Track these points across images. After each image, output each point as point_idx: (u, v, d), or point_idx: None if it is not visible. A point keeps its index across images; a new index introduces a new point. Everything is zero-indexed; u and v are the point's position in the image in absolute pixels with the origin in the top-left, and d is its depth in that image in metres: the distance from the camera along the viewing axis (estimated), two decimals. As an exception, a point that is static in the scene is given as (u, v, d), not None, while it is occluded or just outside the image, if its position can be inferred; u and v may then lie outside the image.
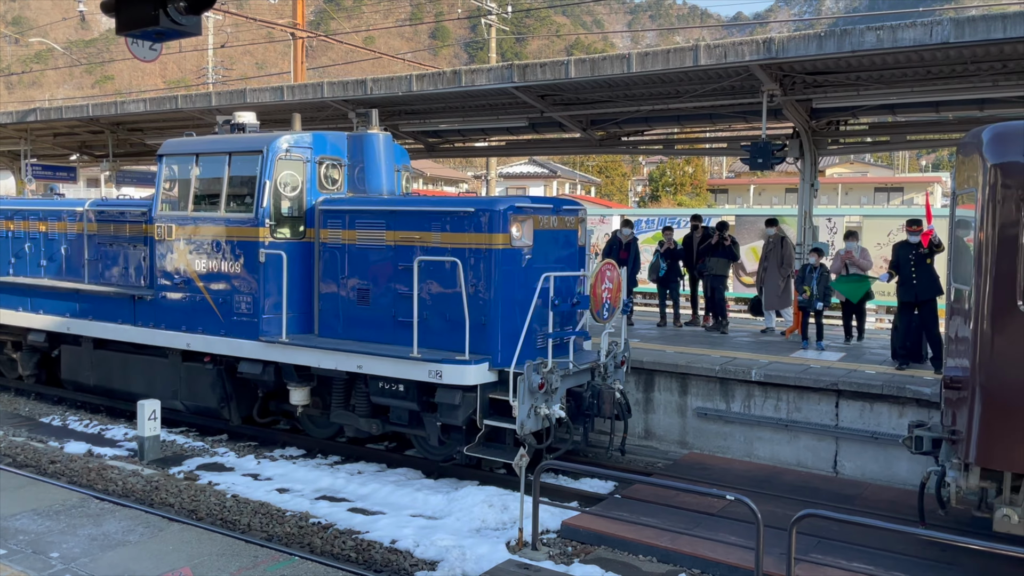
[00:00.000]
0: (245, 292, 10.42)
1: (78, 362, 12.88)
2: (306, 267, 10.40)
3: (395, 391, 9.48)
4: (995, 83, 11.28)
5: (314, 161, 10.57)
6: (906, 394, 9.54)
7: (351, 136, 10.96)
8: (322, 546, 7.81)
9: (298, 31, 22.40)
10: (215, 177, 10.82)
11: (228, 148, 10.72)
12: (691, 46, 11.39)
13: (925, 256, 10.75)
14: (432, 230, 9.42)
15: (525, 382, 8.60)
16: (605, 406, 9.55)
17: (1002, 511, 6.51)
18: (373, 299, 9.87)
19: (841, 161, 50.74)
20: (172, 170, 11.30)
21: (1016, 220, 6.25)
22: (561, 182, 60.51)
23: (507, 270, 9.07)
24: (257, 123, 11.61)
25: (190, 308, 11.01)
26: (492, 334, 9.02)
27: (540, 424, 8.92)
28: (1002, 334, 6.31)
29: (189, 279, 11.00)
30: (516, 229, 9.12)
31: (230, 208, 10.59)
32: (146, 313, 11.59)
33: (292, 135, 10.51)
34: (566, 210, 10.05)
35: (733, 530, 7.81)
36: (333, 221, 10.18)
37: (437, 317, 9.32)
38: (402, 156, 11.55)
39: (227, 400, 11.12)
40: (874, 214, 22.94)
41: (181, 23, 3.92)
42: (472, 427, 9.22)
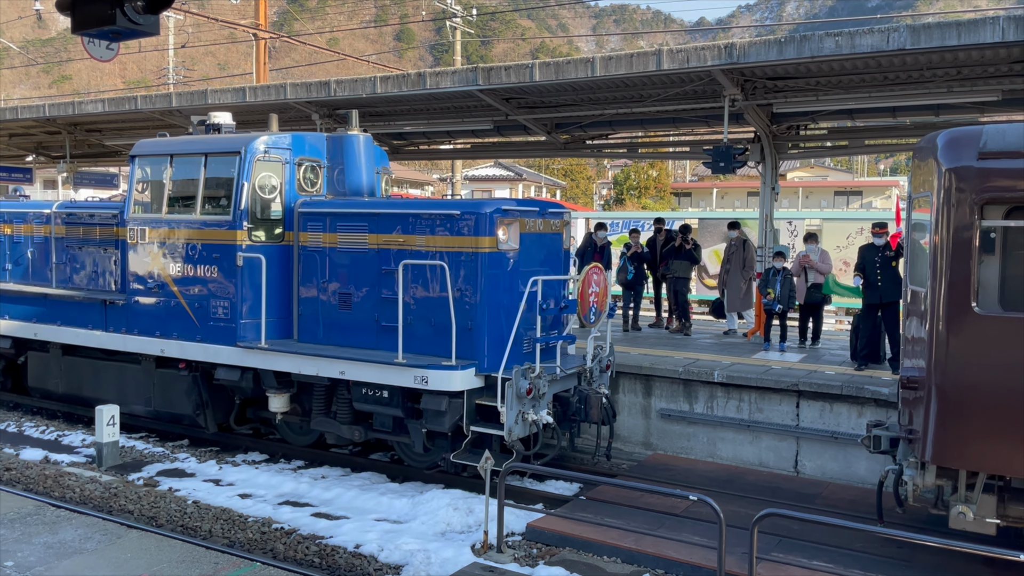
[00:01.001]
0: (222, 296, 10.14)
1: (46, 369, 12.51)
2: (285, 271, 10.17)
3: (379, 397, 9.28)
4: (950, 89, 11.53)
5: (293, 163, 10.33)
6: (865, 394, 9.70)
7: (330, 137, 10.73)
8: (285, 552, 7.72)
9: (260, 32, 22.18)
10: (190, 179, 10.53)
11: (204, 149, 10.45)
12: (654, 51, 11.49)
13: (891, 259, 10.96)
14: (416, 233, 9.25)
15: (513, 388, 8.48)
16: (592, 411, 9.43)
17: (957, 508, 6.64)
18: (355, 303, 9.66)
19: (802, 165, 51.52)
20: (145, 171, 10.99)
21: (970, 223, 6.39)
22: (527, 185, 60.64)
23: (493, 274, 8.92)
24: (233, 124, 11.31)
25: (164, 313, 10.69)
26: (478, 339, 8.87)
27: (528, 430, 8.79)
28: (957, 335, 6.44)
29: (163, 283, 10.68)
30: (502, 232, 8.97)
31: (206, 210, 10.32)
32: (118, 318, 11.27)
33: (270, 136, 10.27)
34: (551, 213, 9.91)
35: (696, 530, 7.87)
36: (314, 224, 9.94)
37: (421, 322, 9.16)
38: (382, 158, 11.34)
39: (203, 407, 10.81)
40: (834, 217, 23.32)
41: (138, 23, 3.85)
42: (458, 433, 9.08)
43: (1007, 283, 6.62)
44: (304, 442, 10.76)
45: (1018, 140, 6.36)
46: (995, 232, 6.53)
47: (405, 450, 9.90)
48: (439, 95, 13.76)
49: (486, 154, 26.22)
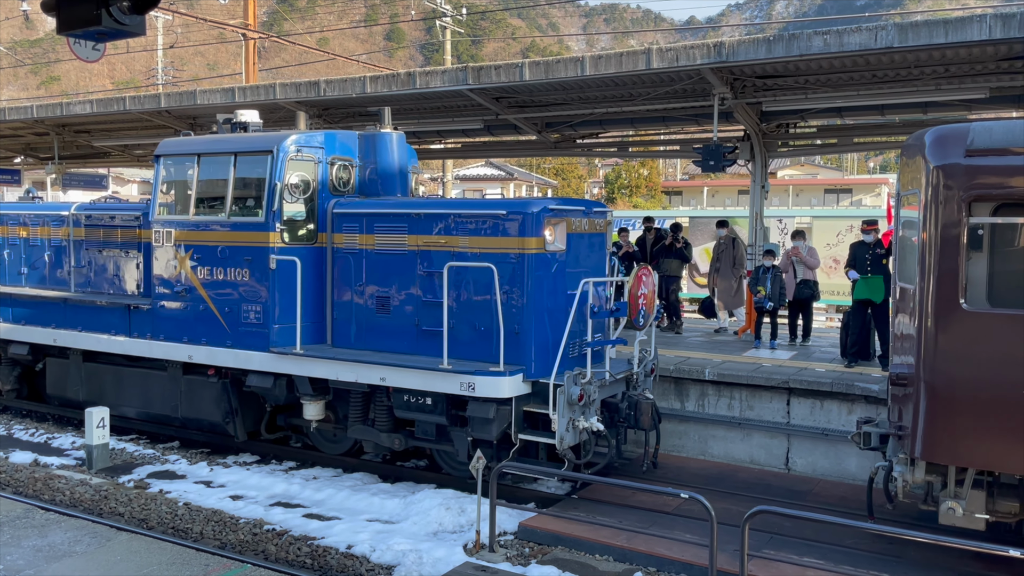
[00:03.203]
0: (254, 300, 9.80)
1: (65, 376, 12.10)
2: (318, 274, 9.88)
3: (422, 404, 8.95)
4: (938, 87, 11.58)
5: (326, 162, 10.00)
6: (855, 391, 9.74)
7: (363, 135, 10.43)
8: (276, 553, 7.70)
9: (249, 32, 22.11)
10: (219, 179, 10.19)
11: (233, 148, 10.09)
12: (644, 50, 11.50)
13: (881, 256, 11.00)
14: (460, 234, 8.98)
15: (565, 394, 8.22)
16: (643, 417, 9.10)
17: (947, 504, 6.68)
18: (394, 307, 9.39)
19: (792, 163, 51.64)
20: (170, 171, 10.66)
21: (958, 220, 6.42)
22: (518, 184, 60.61)
23: (540, 276, 8.65)
24: (260, 122, 10.96)
25: (192, 318, 10.34)
26: (525, 343, 8.59)
27: (578, 438, 8.51)
28: (946, 332, 6.48)
29: (191, 287, 10.31)
30: (549, 233, 8.67)
31: (236, 212, 9.99)
32: (142, 323, 10.91)
33: (303, 134, 9.94)
34: (596, 212, 9.58)
35: (688, 528, 7.90)
36: (349, 225, 9.68)
37: (464, 326, 8.88)
38: (412, 156, 10.99)
39: (233, 415, 10.44)
40: (824, 215, 23.42)
41: (124, 23, 3.82)
42: (503, 442, 8.79)
43: (995, 279, 6.66)
44: (338, 451, 10.43)
45: (1005, 137, 6.39)
46: (983, 229, 6.57)
47: (447, 459, 9.60)
48: (429, 95, 13.74)
49: (477, 153, 26.20)
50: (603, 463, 8.94)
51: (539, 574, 7.06)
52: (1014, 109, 12.40)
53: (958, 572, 6.97)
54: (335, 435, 10.38)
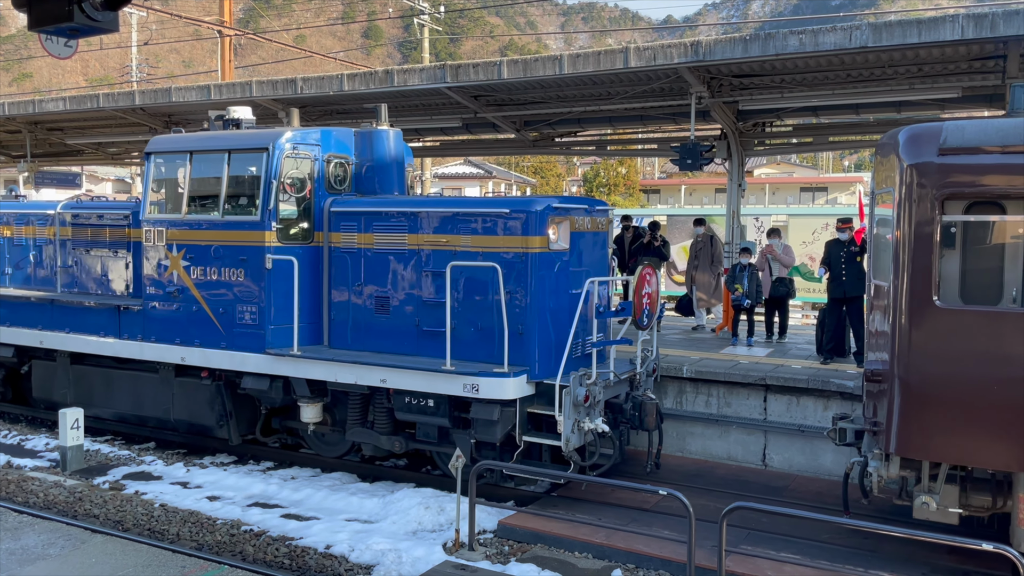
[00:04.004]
0: (249, 301, 9.62)
1: (52, 378, 11.83)
2: (314, 273, 9.73)
3: (424, 407, 8.82)
4: (911, 86, 11.72)
5: (322, 159, 9.84)
6: (831, 388, 9.83)
7: (358, 132, 10.26)
8: (254, 554, 7.66)
9: (225, 29, 21.92)
10: (212, 177, 9.99)
11: (227, 145, 9.89)
12: (621, 48, 11.53)
13: (856, 254, 11.11)
14: (461, 233, 8.86)
15: (571, 395, 8.14)
16: (648, 418, 9.04)
17: (921, 499, 6.76)
18: (393, 308, 9.26)
19: (768, 162, 52.01)
20: (161, 169, 10.44)
21: (931, 218, 6.50)
22: (497, 183, 60.55)
23: (544, 275, 8.55)
24: (253, 119, 10.71)
25: (185, 319, 10.13)
26: (529, 344, 8.49)
27: (583, 439, 8.40)
28: (919, 328, 6.55)
29: (183, 287, 10.10)
30: (553, 232, 8.58)
31: (230, 210, 9.81)
32: (133, 325, 10.66)
33: (298, 131, 9.77)
34: (598, 211, 9.49)
35: (667, 524, 7.94)
36: (347, 224, 9.54)
37: (466, 326, 8.75)
38: (408, 154, 10.85)
39: (227, 418, 10.25)
40: (799, 213, 23.62)
41: (97, 19, 3.77)
42: (506, 444, 8.72)
43: (967, 277, 6.75)
44: (335, 453, 10.27)
45: (977, 136, 6.48)
46: (955, 227, 6.66)
47: (448, 461, 9.47)
48: (407, 92, 13.70)
49: (455, 152, 26.18)
50: (609, 464, 8.79)
51: (518, 572, 7.07)
52: (986, 108, 12.57)
53: (932, 565, 7.06)
54: (332, 438, 10.21)
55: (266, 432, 10.66)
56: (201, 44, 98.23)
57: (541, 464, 8.92)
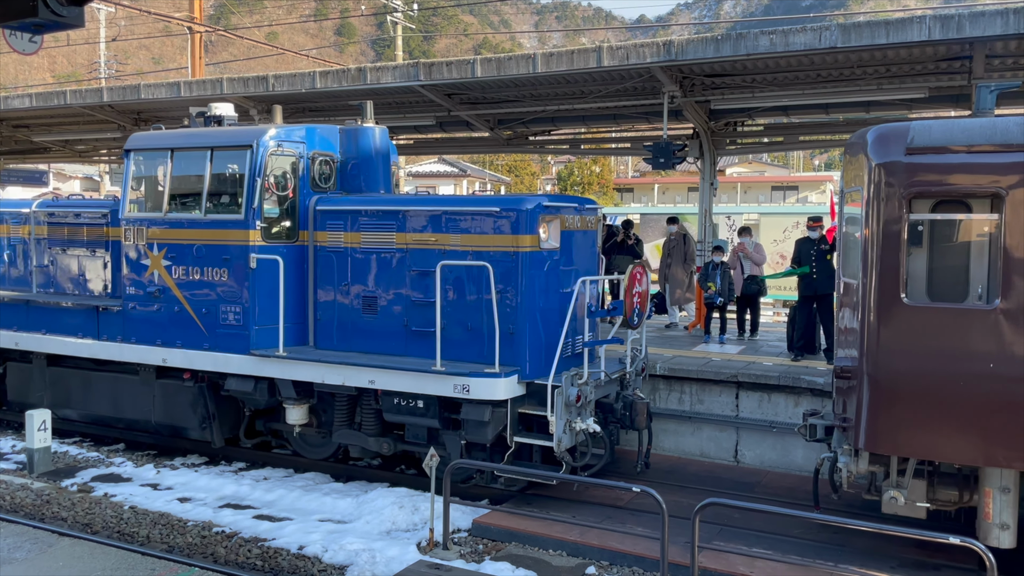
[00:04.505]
0: (233, 301, 9.47)
1: (28, 381, 11.54)
2: (299, 273, 9.61)
3: (413, 408, 8.71)
4: (880, 86, 11.86)
5: (307, 157, 9.71)
6: (801, 384, 9.94)
7: (343, 130, 10.10)
8: (226, 555, 7.59)
9: (195, 25, 21.68)
10: (194, 175, 9.83)
11: (209, 143, 9.72)
12: (594, 47, 11.56)
13: (826, 252, 11.23)
14: (450, 232, 8.79)
15: (563, 395, 8.09)
16: (639, 418, 9.02)
17: (889, 493, 6.86)
18: (381, 308, 9.15)
19: (740, 161, 52.44)
20: (141, 167, 10.24)
21: (899, 217, 6.59)
22: (471, 181, 60.49)
23: (534, 274, 8.50)
24: (235, 116, 10.57)
25: (166, 320, 9.94)
26: (520, 344, 8.43)
27: (575, 440, 8.35)
28: (887, 325, 6.64)
29: (165, 287, 9.91)
30: (543, 230, 8.52)
31: (213, 209, 9.65)
32: (112, 325, 10.44)
33: (282, 128, 9.61)
34: (588, 209, 9.47)
35: (641, 521, 7.99)
36: (333, 223, 9.43)
37: (456, 326, 8.68)
38: (393, 151, 10.69)
39: (210, 420, 10.07)
40: (770, 212, 23.84)
41: (62, 14, 3.69)
42: (496, 445, 8.64)
43: (934, 275, 6.86)
44: (320, 455, 10.15)
45: (943, 136, 6.58)
46: (922, 225, 6.76)
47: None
48: (380, 90, 13.62)
49: (429, 150, 26.10)
50: (600, 465, 8.74)
51: (493, 570, 7.08)
52: (952, 108, 12.76)
53: (900, 559, 7.16)
54: (317, 440, 10.09)
55: (250, 434, 10.49)
56: (171, 41, 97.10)
57: (528, 464, 8.81)
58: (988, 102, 7.05)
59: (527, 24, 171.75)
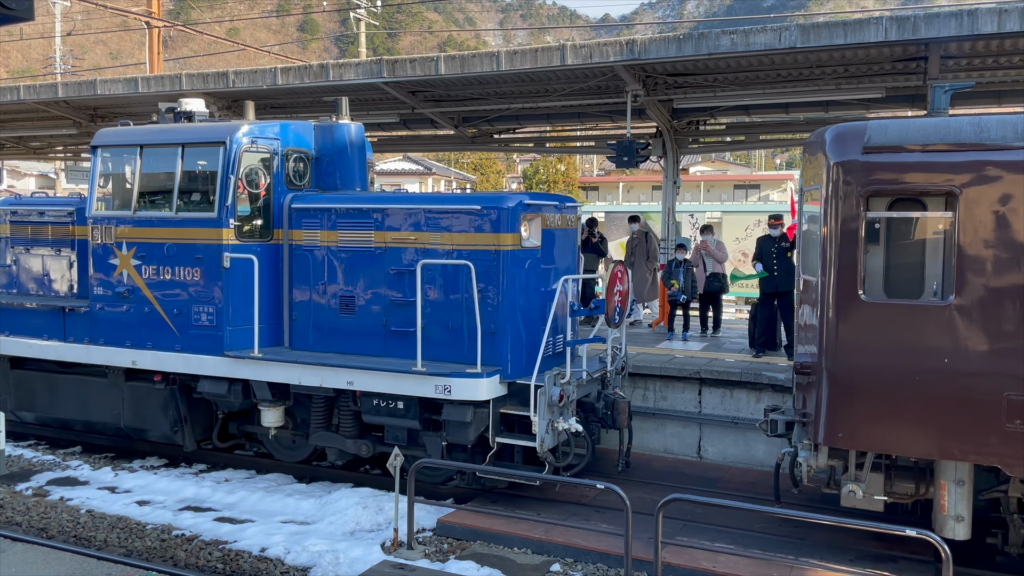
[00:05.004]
0: (206, 301, 9.24)
1: None
2: (274, 272, 9.42)
3: (392, 409, 8.59)
4: (838, 86, 12.04)
5: (282, 154, 9.51)
6: (762, 380, 10.06)
7: (318, 126, 9.95)
8: (186, 559, 7.47)
9: (153, 20, 21.31)
10: (164, 172, 9.59)
11: (181, 139, 9.47)
12: (558, 46, 11.58)
13: (787, 250, 11.38)
14: (430, 230, 8.67)
15: (546, 395, 8.04)
16: (620, 417, 9.00)
17: (848, 487, 6.97)
18: (359, 307, 9.00)
19: (703, 160, 52.94)
20: (108, 164, 9.97)
21: (856, 215, 6.69)
22: (436, 179, 60.27)
23: (516, 273, 8.41)
24: (207, 112, 10.40)
25: (136, 320, 9.67)
26: (502, 343, 8.34)
27: (557, 440, 8.31)
28: (845, 322, 6.74)
29: (134, 288, 9.64)
30: (525, 229, 8.44)
31: (184, 207, 9.41)
32: (80, 327, 10.14)
33: (256, 124, 9.41)
34: (568, 207, 9.39)
35: (605, 518, 8.03)
36: (309, 221, 9.24)
37: (436, 326, 8.59)
38: (368, 149, 10.51)
39: (181, 423, 9.85)
40: (733, 210, 24.09)
41: (10, 7, 3.60)
42: (477, 445, 8.57)
43: (891, 271, 6.98)
44: (296, 458, 9.96)
45: (899, 135, 6.69)
46: (879, 223, 6.87)
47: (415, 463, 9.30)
48: (343, 87, 13.50)
49: (393, 148, 25.92)
50: (582, 464, 8.67)
51: (457, 569, 7.06)
52: (909, 108, 13.00)
53: (859, 552, 7.29)
54: (294, 442, 9.92)
55: (223, 437, 10.31)
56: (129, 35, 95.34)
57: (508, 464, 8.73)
58: (942, 102, 7.18)
59: (492, 22, 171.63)
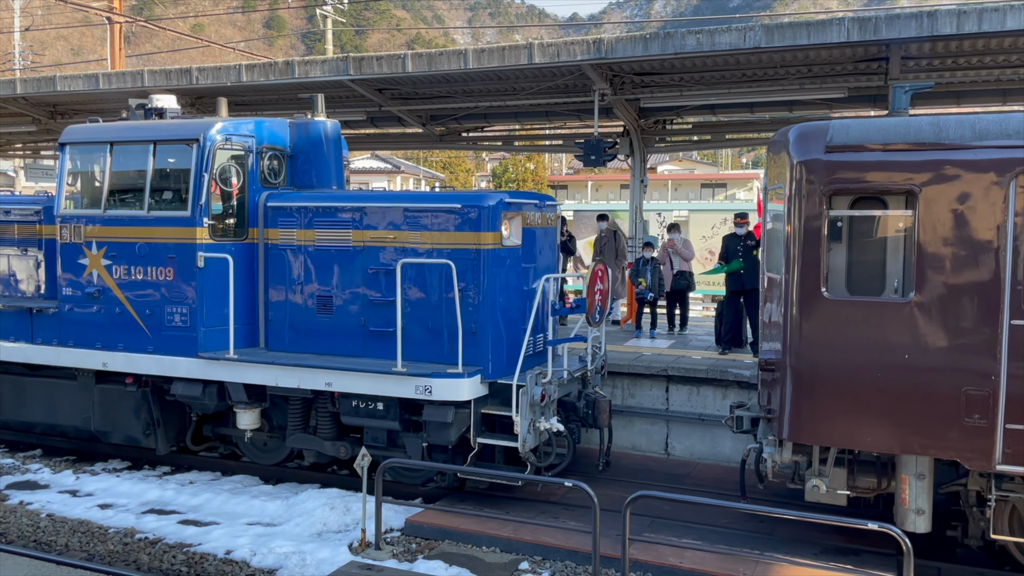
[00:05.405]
0: (179, 302, 9.08)
1: None
2: (248, 272, 9.27)
3: (372, 410, 8.50)
4: (802, 86, 12.20)
5: (256, 152, 9.37)
6: (729, 377, 10.16)
7: (293, 123, 9.81)
8: (150, 562, 7.37)
9: (115, 16, 20.96)
10: (135, 170, 9.39)
11: (152, 136, 9.29)
12: (526, 44, 11.59)
13: (752, 248, 11.49)
14: (410, 229, 8.57)
15: (527, 395, 8.01)
16: (602, 416, 8.99)
17: (812, 482, 7.06)
18: (337, 307, 8.88)
19: (671, 159, 53.33)
20: (77, 162, 9.77)
21: (819, 213, 6.77)
22: (405, 177, 60.01)
23: (496, 272, 8.34)
24: (178, 108, 10.23)
25: (107, 322, 9.48)
26: (483, 343, 8.27)
27: (538, 439, 8.29)
28: (809, 319, 6.83)
29: (105, 288, 9.45)
30: (505, 227, 8.37)
31: (156, 205, 9.23)
32: (48, 329, 9.91)
33: (230, 121, 9.27)
34: (548, 206, 9.35)
35: (574, 515, 8.05)
36: (285, 220, 9.09)
37: (416, 325, 8.48)
38: (344, 147, 10.38)
39: (154, 427, 9.66)
40: (699, 209, 24.27)
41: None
42: (458, 446, 8.50)
43: (853, 269, 7.07)
44: (272, 461, 9.80)
45: (861, 135, 6.78)
46: (842, 221, 6.96)
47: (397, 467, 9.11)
48: (309, 85, 13.40)
49: (360, 146, 25.75)
50: (564, 464, 8.67)
51: (426, 569, 7.03)
52: (871, 108, 13.19)
53: (823, 546, 7.38)
54: (266, 444, 9.75)
55: (197, 440, 10.14)
56: (91, 31, 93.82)
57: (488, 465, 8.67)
58: (903, 102, 7.29)
59: (460, 20, 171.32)
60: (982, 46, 10.44)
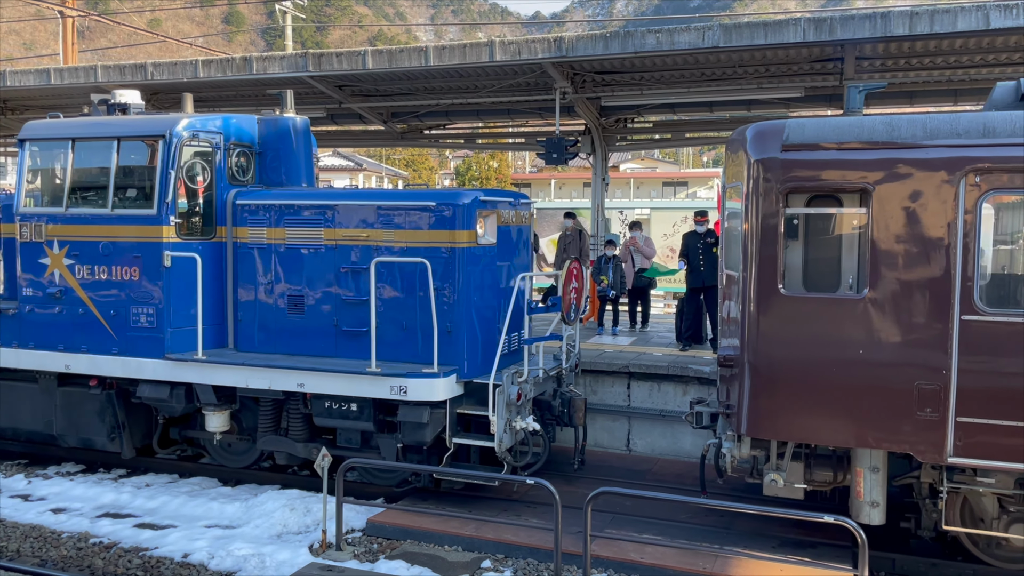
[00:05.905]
0: (145, 302, 8.87)
1: None
2: (216, 271, 9.10)
3: (345, 411, 8.39)
4: (759, 86, 12.35)
5: (224, 148, 9.18)
6: (689, 374, 10.25)
7: (262, 120, 9.62)
8: (104, 567, 7.23)
9: (68, 10, 20.50)
10: (98, 167, 9.18)
11: (116, 132, 9.08)
12: (487, 42, 11.58)
13: (712, 245, 11.60)
14: (384, 227, 8.46)
15: (504, 394, 7.98)
16: (577, 414, 8.99)
17: (770, 476, 7.15)
18: (308, 307, 8.74)
19: (633, 157, 53.66)
20: (37, 158, 9.54)
21: (776, 211, 6.85)
22: (367, 175, 59.61)
23: (471, 271, 8.28)
24: (143, 104, 10.01)
25: (69, 323, 9.25)
26: (458, 342, 8.21)
27: (515, 439, 8.25)
28: (766, 315, 6.91)
29: (67, 288, 9.22)
30: (480, 226, 8.31)
31: (121, 203, 9.00)
32: (6, 330, 9.64)
33: (197, 117, 9.07)
34: (522, 204, 9.27)
35: (536, 513, 8.07)
36: (254, 218, 8.94)
37: (390, 325, 8.39)
38: (313, 144, 10.23)
39: (119, 430, 9.43)
40: (661, 207, 24.47)
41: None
42: (433, 446, 8.39)
43: (809, 266, 7.17)
44: (242, 463, 9.63)
45: (816, 134, 6.88)
46: (798, 219, 7.06)
47: (371, 468, 9.13)
48: (267, 81, 13.23)
49: (322, 143, 25.56)
50: (540, 463, 8.62)
51: (387, 569, 7.00)
52: (827, 107, 13.41)
53: (781, 539, 7.49)
54: (240, 447, 9.57)
55: (164, 443, 9.91)
56: (44, 25, 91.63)
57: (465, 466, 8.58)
58: (857, 102, 7.42)
59: (423, 17, 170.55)
60: (934, 47, 10.66)
